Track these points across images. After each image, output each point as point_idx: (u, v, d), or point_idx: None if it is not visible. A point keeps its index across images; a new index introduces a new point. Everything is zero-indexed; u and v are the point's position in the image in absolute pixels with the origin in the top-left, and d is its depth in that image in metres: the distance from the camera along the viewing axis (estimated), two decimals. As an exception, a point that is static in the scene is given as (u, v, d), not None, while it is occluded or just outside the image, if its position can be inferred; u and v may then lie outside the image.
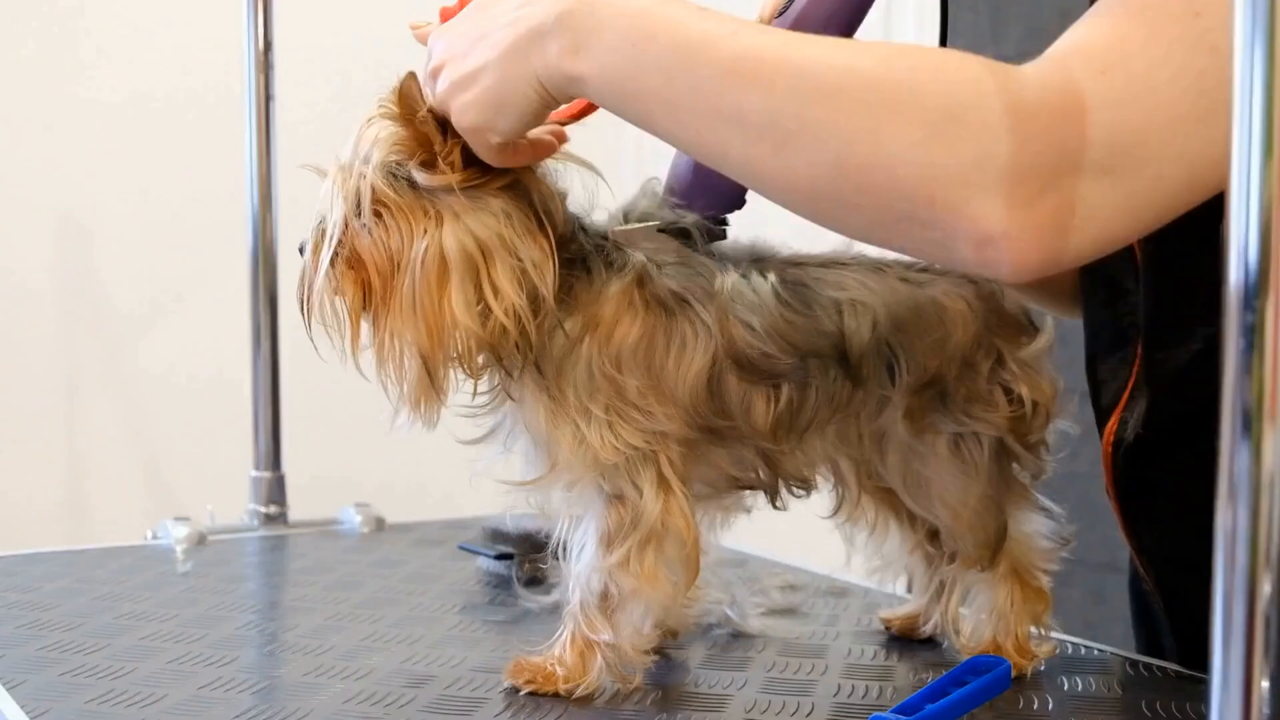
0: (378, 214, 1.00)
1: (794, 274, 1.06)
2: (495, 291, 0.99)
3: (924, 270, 1.10)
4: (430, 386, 1.00)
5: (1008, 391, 1.10)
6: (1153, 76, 0.81)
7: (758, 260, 1.07)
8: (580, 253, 1.04)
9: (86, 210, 2.71)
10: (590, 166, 1.06)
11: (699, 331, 1.03)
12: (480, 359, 1.02)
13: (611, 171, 1.08)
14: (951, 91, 0.82)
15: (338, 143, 1.04)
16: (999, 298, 1.11)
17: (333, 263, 1.02)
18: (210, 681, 1.07)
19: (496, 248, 0.99)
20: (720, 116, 0.87)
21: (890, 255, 1.10)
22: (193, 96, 2.71)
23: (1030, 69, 0.84)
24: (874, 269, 1.09)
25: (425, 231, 0.99)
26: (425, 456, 1.16)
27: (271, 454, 1.75)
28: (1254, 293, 0.57)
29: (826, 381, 1.06)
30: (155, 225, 2.73)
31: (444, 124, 0.99)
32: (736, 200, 1.12)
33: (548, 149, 1.03)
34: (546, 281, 1.00)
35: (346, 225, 1.01)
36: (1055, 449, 1.15)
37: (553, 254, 1.01)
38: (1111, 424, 1.14)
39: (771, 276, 1.05)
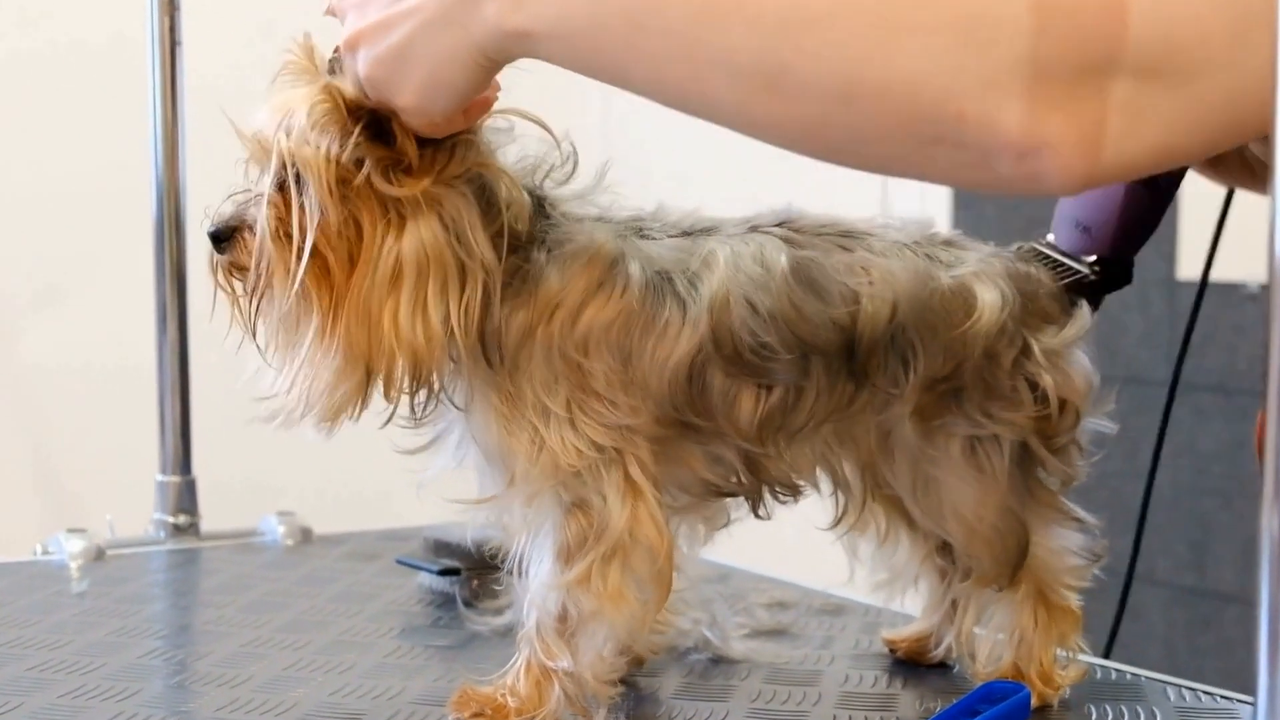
0: (343, 197, 0.99)
1: (807, 255, 1.06)
2: (424, 314, 0.99)
3: (951, 245, 1.10)
4: (358, 400, 1.01)
5: (1033, 386, 1.09)
6: None
7: (783, 224, 1.07)
8: (537, 233, 1.03)
9: (-35, 176, 2.70)
10: (540, 122, 1.05)
11: (687, 309, 1.03)
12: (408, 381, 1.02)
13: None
14: None
15: (258, 99, 1.03)
16: (1033, 278, 1.11)
17: (312, 251, 1.00)
18: (109, 717, 1.07)
19: (436, 263, 0.99)
20: (701, 61, 0.87)
21: (913, 228, 1.10)
22: (88, 45, 2.70)
23: None
24: (898, 245, 1.08)
25: (389, 226, 0.99)
26: (358, 458, 1.16)
27: (180, 456, 1.74)
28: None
29: (828, 378, 1.05)
30: (46, 194, 2.72)
31: (374, 112, 0.99)
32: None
33: (482, 107, 1.02)
34: (475, 302, 1.00)
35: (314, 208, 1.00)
36: (1090, 452, 1.14)
37: (493, 269, 1.01)
38: None
39: (784, 252, 1.05)
